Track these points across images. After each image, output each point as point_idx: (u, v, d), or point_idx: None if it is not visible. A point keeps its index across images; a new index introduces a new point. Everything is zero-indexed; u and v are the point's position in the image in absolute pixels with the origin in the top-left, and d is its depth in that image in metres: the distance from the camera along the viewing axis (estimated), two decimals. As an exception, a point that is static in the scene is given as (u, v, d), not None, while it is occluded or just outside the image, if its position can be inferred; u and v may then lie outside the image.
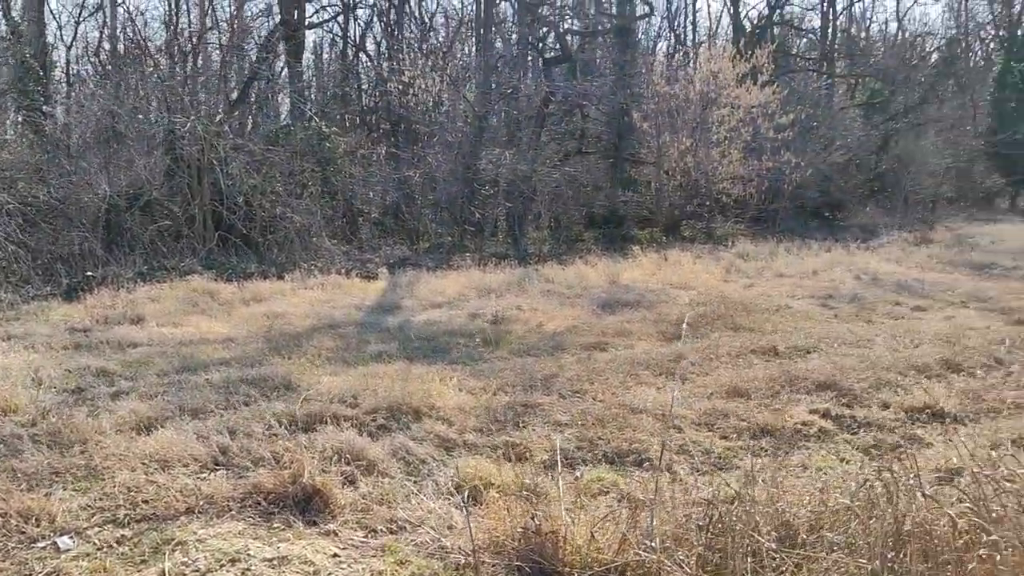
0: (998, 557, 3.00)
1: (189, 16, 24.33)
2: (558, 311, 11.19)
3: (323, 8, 26.61)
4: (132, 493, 4.55)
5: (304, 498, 4.42)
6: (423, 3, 27.60)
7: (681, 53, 29.55)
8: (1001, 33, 35.26)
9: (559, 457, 4.74)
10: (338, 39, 27.28)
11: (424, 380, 6.82)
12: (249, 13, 26.53)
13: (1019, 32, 34.30)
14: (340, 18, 26.20)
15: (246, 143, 16.03)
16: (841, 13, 35.20)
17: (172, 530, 4.14)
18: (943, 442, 5.77)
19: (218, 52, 20.70)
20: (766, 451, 5.50)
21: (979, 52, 38.86)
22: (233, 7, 26.94)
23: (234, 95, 20.33)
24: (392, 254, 16.87)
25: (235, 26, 20.42)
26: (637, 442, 5.46)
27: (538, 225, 19.99)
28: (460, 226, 18.85)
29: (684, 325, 8.74)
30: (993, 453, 5.39)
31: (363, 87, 25.74)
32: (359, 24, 27.15)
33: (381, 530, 4.19)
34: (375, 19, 26.54)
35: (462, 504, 4.18)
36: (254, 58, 20.97)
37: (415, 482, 4.85)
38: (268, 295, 12.29)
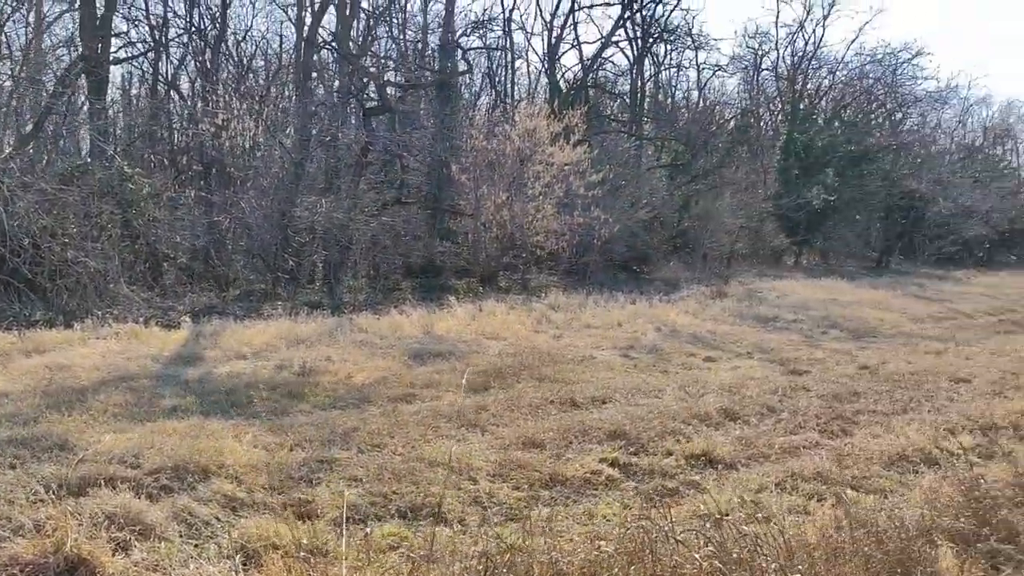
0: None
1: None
2: (369, 362, 11.11)
3: (131, 44, 25.50)
4: None
5: (67, 568, 4.14)
6: (241, 44, 27.00)
7: (501, 109, 30.58)
8: (786, 107, 39.02)
9: (345, 514, 4.71)
10: (148, 76, 26.15)
11: (217, 436, 6.58)
12: (48, 43, 24.98)
13: (800, 107, 38.14)
14: (151, 55, 25.17)
15: (36, 181, 14.94)
16: (649, 80, 37.73)
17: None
18: (716, 487, 6.22)
19: (9, 83, 19.25)
20: (555, 500, 5.71)
21: (769, 122, 42.73)
22: (30, 36, 25.30)
23: (27, 128, 18.96)
24: (198, 302, 16.16)
25: (29, 56, 19.10)
26: (431, 495, 5.51)
27: (355, 274, 19.83)
28: (273, 274, 18.38)
29: (464, 380, 8.90)
30: (755, 497, 5.89)
31: (175, 127, 24.74)
32: (171, 62, 26.20)
33: (152, 599, 3.99)
34: (189, 57, 25.69)
35: (237, 569, 4.06)
36: (51, 90, 19.67)
37: (196, 546, 4.65)
38: (53, 346, 11.40)
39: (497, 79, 34.41)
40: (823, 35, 38.44)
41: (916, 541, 4.57)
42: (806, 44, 38.36)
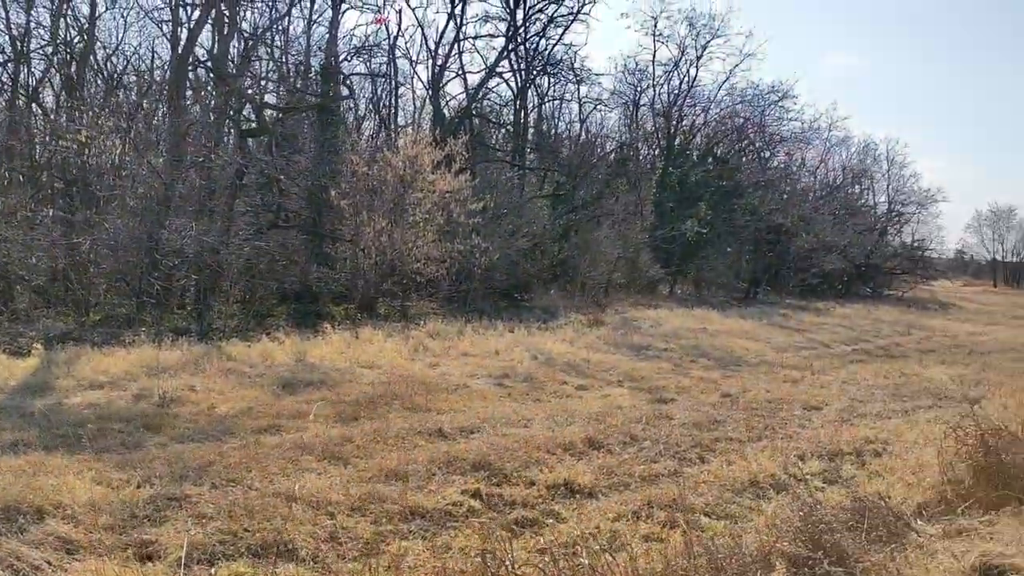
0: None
1: None
2: (235, 392, 10.79)
3: (-12, 52, 24.04)
4: None
5: None
6: (111, 59, 25.91)
7: (384, 135, 30.43)
8: (662, 142, 40.50)
9: (187, 555, 4.53)
10: (7, 87, 24.68)
11: (58, 473, 6.23)
12: None
13: (676, 142, 39.68)
14: (10, 65, 23.77)
15: None
16: (533, 111, 38.42)
17: None
18: (576, 516, 6.32)
19: None
20: (414, 534, 5.66)
21: (647, 156, 44.21)
22: None
23: None
24: (53, 327, 15.26)
25: None
26: (285, 532, 5.37)
27: (227, 300, 19.19)
28: (138, 298, 17.58)
29: (312, 415, 8.77)
30: (612, 525, 6.02)
31: (36, 141, 23.42)
32: (33, 74, 24.83)
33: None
34: (53, 70, 24.42)
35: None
36: None
37: (22, 593, 4.37)
38: None
39: (381, 105, 34.27)
40: (696, 75, 40.07)
41: (754, 565, 4.78)
42: (681, 83, 39.97)
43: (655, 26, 38.94)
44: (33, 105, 24.47)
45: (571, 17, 33.37)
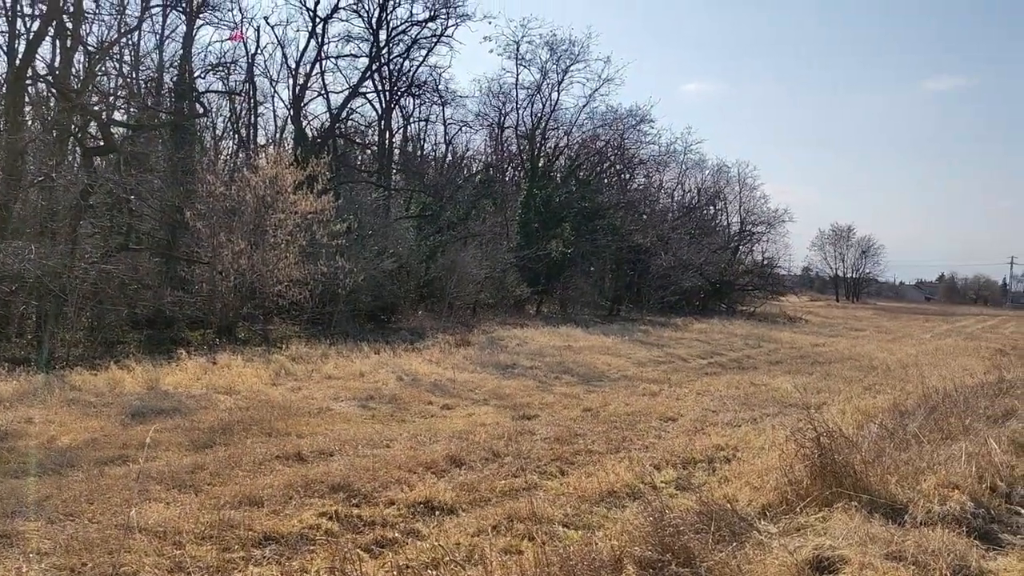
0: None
1: None
2: (79, 423, 10.19)
3: None
4: None
5: None
6: (-61, 71, 24.03)
7: (243, 155, 29.63)
8: (527, 164, 41.30)
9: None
10: None
11: None
12: None
13: (540, 164, 40.57)
14: None
15: None
16: (398, 132, 38.45)
17: None
18: (436, 533, 6.33)
19: None
20: (268, 559, 5.53)
21: (512, 178, 44.98)
22: None
23: None
24: None
25: None
26: (126, 565, 5.13)
27: (72, 326, 18.07)
28: (-29, 327, 16.35)
29: (148, 440, 8.46)
30: (471, 540, 6.06)
31: None
32: None
33: None
34: None
35: None
36: None
37: None
38: None
39: (240, 124, 33.38)
40: (559, 98, 41.09)
41: (605, 569, 4.94)
42: (544, 106, 40.91)
43: (517, 50, 39.81)
44: None
45: (434, 39, 33.69)
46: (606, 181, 44.98)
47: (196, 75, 27.44)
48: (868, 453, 7.63)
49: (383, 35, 32.65)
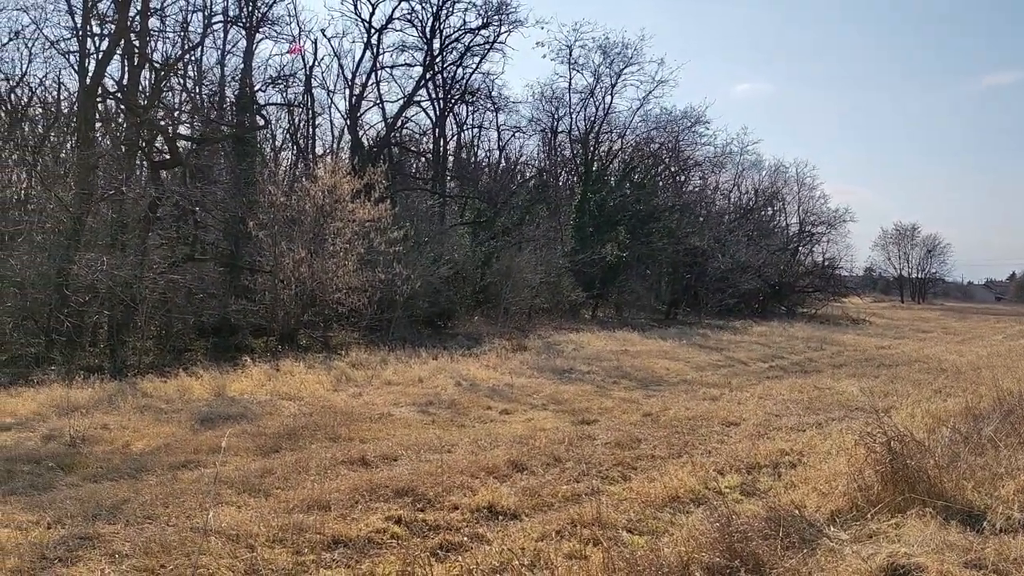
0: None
1: None
2: (151, 428, 10.51)
3: None
4: None
5: None
6: (15, 91, 25.05)
7: (302, 165, 30.19)
8: (580, 168, 41.23)
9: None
10: (-98, 120, 23.63)
11: (-39, 519, 5.96)
12: None
13: (593, 168, 40.44)
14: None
15: None
16: (452, 139, 38.74)
17: None
18: (500, 537, 6.37)
19: None
20: (337, 562, 5.62)
21: (565, 182, 44.95)
22: None
23: None
24: (-45, 369, 14.60)
25: None
26: (203, 567, 5.27)
27: (142, 335, 18.64)
28: (48, 336, 16.96)
29: (223, 444, 8.64)
30: (535, 545, 6.08)
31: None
32: (-70, 107, 23.86)
33: None
34: (-48, 103, 23.55)
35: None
36: None
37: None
38: None
39: (299, 135, 34.00)
40: (612, 102, 40.93)
41: (672, 575, 4.91)
42: (597, 110, 40.78)
43: (570, 55, 39.77)
44: (-69, 139, 23.47)
45: (487, 46, 33.87)
46: (661, 184, 44.66)
47: (256, 88, 28.08)
48: (942, 458, 7.44)
49: (437, 44, 32.99)
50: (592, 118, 40.78)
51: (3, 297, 17.39)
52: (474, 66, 34.60)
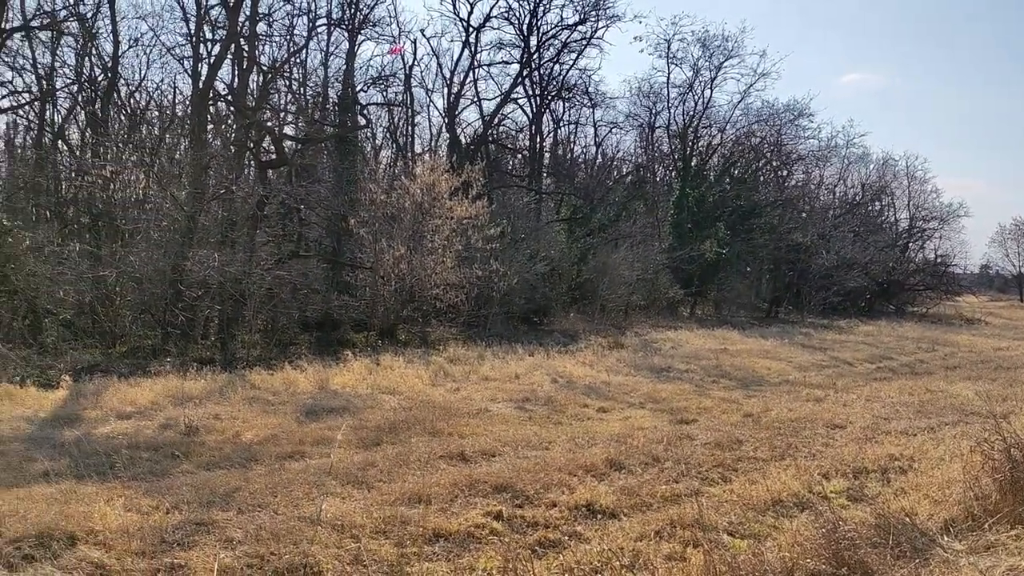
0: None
1: None
2: (259, 419, 10.91)
3: (15, 93, 24.64)
4: None
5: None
6: (134, 96, 26.45)
7: (401, 163, 30.76)
8: (678, 164, 40.57)
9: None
10: (34, 125, 25.26)
11: (89, 501, 6.34)
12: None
13: (692, 163, 39.73)
14: (37, 104, 24.35)
15: (-95, 235, 14.19)
16: (548, 135, 38.71)
17: None
18: (598, 536, 6.35)
19: None
20: (438, 556, 5.72)
21: (663, 178, 44.31)
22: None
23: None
24: (81, 359, 15.49)
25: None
26: (310, 555, 5.44)
27: (250, 329, 19.39)
28: (164, 329, 17.82)
29: (339, 437, 8.85)
30: (634, 545, 6.04)
31: (62, 178, 23.90)
32: (59, 111, 25.41)
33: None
34: (78, 107, 24.98)
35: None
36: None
37: (56, 617, 4.47)
38: (-83, 408, 10.79)
39: (398, 134, 34.67)
40: (711, 96, 40.12)
41: (777, 582, 4.79)
42: (696, 104, 40.03)
43: (668, 49, 39.17)
44: (59, 142, 25.00)
45: (584, 42, 33.67)
46: (762, 179, 43.51)
47: (358, 89, 28.76)
48: (1067, 468, 7.01)
49: (534, 41, 33.01)
50: (691, 113, 40.11)
51: (123, 292, 18.38)
52: (571, 62, 34.50)
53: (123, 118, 25.58)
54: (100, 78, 24.25)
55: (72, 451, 8.69)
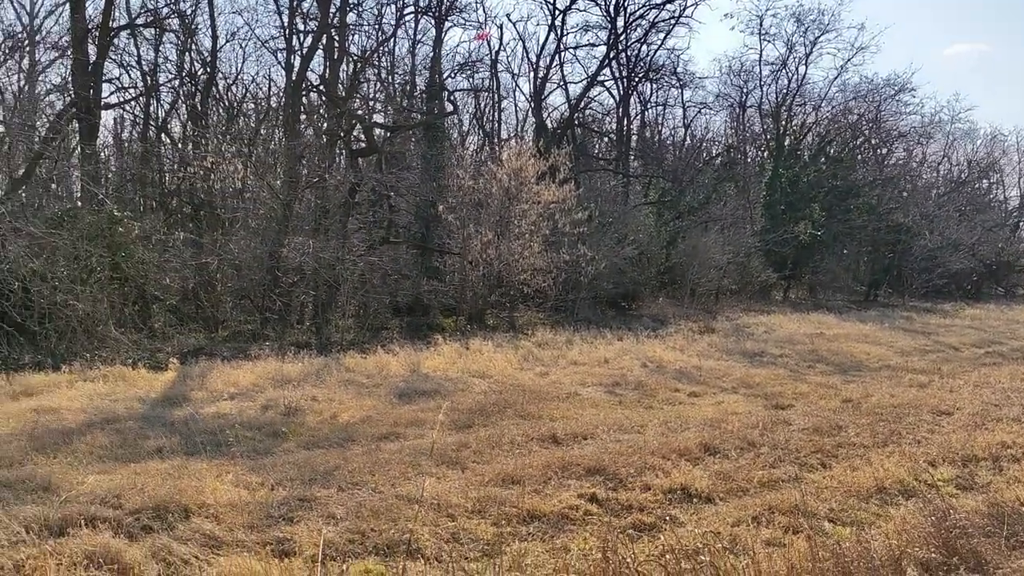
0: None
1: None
2: (355, 401, 11.18)
3: (122, 88, 25.78)
4: None
5: (43, 609, 4.17)
6: (231, 88, 27.32)
7: (488, 149, 30.90)
8: (771, 143, 39.46)
9: (322, 552, 4.76)
10: (139, 120, 26.41)
11: (200, 476, 6.63)
12: (40, 89, 25.27)
13: (786, 143, 38.60)
14: (142, 99, 25.44)
15: (27, 225, 15.04)
16: (635, 118, 38.21)
17: None
18: (694, 520, 6.28)
19: (1, 128, 19.45)
20: (532, 536, 5.75)
21: (755, 158, 43.17)
22: (23, 82, 25.60)
23: (19, 173, 19.12)
24: (186, 343, 16.20)
25: (22, 102, 19.30)
26: (408, 532, 5.55)
27: (343, 314, 19.89)
28: (262, 314, 18.45)
29: (440, 418, 8.94)
30: (731, 530, 5.94)
31: (165, 169, 24.95)
32: (162, 105, 26.49)
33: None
34: (180, 101, 25.98)
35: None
36: (43, 135, 19.88)
37: (172, 585, 4.70)
38: (41, 388, 11.46)
39: (484, 119, 34.80)
40: (806, 72, 38.88)
41: (884, 570, 4.64)
42: (790, 81, 38.87)
43: (761, 25, 38.16)
44: (163, 135, 26.05)
45: (673, 21, 33.09)
46: (860, 157, 41.90)
47: (445, 75, 28.99)
48: None
49: (621, 21, 32.60)
50: (784, 90, 38.98)
51: (224, 278, 19.09)
52: (659, 42, 33.96)
53: (221, 111, 26.47)
54: (200, 72, 25.15)
55: (182, 429, 9.10)
